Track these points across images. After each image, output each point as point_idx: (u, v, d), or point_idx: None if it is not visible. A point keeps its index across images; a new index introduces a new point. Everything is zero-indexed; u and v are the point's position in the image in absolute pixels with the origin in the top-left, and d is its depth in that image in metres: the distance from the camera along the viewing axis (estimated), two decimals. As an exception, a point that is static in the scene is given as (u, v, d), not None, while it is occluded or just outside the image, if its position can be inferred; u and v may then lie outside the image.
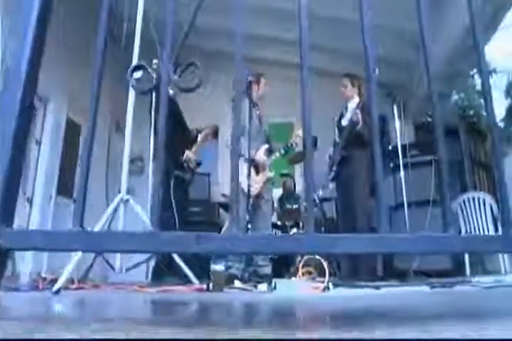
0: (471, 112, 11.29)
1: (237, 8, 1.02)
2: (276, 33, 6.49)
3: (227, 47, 6.37)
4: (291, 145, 4.43)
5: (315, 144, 6.86)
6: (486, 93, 1.00)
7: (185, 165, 4.13)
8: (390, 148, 5.60)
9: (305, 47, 1.00)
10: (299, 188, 6.81)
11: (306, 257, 3.40)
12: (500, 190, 0.95)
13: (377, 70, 3.39)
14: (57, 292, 2.23)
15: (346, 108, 4.65)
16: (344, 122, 4.54)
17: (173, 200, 3.86)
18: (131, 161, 4.24)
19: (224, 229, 4.63)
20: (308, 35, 1.00)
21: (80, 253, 2.34)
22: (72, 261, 2.36)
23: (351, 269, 4.25)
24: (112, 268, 2.77)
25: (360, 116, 4.20)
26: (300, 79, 0.99)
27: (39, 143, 5.13)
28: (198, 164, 4.32)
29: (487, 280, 3.03)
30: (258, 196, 4.18)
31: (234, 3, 1.02)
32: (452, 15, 4.68)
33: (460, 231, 4.75)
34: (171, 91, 4.42)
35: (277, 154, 4.43)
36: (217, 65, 5.50)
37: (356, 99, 4.46)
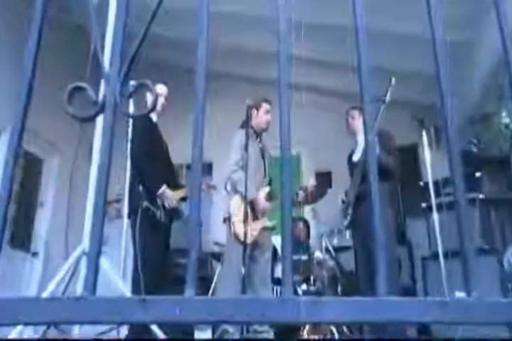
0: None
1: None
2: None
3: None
4: (297, 194, 4.36)
5: (329, 181, 6.84)
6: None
7: (158, 201, 4.06)
8: (421, 184, 5.53)
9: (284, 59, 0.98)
10: (313, 232, 6.66)
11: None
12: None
13: (393, 80, 3.46)
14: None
15: (356, 142, 4.67)
16: (355, 157, 4.52)
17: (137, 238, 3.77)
18: (108, 202, 4.16)
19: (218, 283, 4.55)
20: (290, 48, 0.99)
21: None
22: (12, 333, 2.26)
23: (376, 336, 4.09)
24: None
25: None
26: (278, 100, 0.97)
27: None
28: (178, 212, 4.26)
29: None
30: (254, 246, 4.09)
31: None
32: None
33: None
34: (154, 118, 4.41)
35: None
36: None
37: None
